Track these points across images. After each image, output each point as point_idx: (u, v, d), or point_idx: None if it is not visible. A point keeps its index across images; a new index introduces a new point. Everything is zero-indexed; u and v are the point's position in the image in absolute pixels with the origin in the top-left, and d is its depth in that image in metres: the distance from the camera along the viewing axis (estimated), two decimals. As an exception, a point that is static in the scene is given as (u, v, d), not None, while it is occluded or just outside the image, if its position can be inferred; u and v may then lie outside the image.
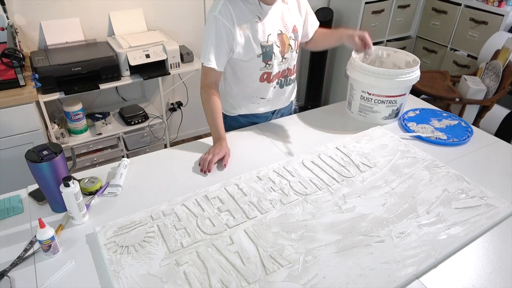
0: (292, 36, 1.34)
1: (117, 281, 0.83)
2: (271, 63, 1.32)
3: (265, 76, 1.35)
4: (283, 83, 1.42)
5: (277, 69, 1.35)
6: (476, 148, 1.36)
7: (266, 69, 1.33)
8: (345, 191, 1.12)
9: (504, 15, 2.51)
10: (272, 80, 1.37)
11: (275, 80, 1.39)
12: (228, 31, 1.21)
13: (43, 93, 1.94)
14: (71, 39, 2.19)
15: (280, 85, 1.42)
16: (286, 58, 1.35)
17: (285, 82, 1.43)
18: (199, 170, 1.21)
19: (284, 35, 1.31)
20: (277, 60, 1.33)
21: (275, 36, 1.29)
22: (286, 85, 1.44)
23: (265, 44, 1.27)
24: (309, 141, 1.38)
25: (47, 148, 0.96)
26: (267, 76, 1.35)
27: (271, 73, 1.35)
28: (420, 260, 0.90)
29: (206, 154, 1.24)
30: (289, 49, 1.34)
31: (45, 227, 0.87)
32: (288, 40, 1.32)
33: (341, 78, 3.17)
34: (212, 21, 1.21)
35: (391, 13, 2.94)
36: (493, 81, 2.27)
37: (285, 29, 1.31)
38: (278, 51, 1.31)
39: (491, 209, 1.06)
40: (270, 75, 1.35)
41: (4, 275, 0.85)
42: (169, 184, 1.15)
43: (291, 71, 1.42)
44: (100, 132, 2.24)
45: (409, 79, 1.40)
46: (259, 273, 0.86)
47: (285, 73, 1.40)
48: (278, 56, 1.32)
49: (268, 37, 1.27)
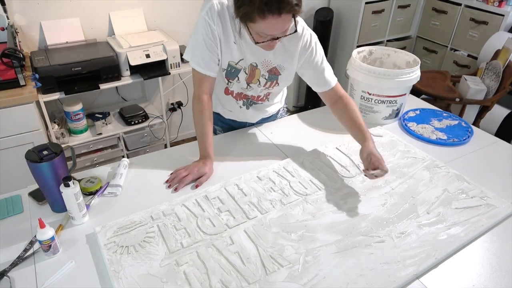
0: (266, 76, 1.22)
1: (117, 281, 0.83)
2: (232, 82, 1.23)
3: (229, 91, 1.27)
4: (248, 105, 1.33)
5: (237, 91, 1.26)
6: (476, 148, 1.36)
7: (227, 85, 1.25)
8: (345, 191, 1.12)
9: (504, 15, 2.51)
10: (236, 98, 1.29)
11: (239, 100, 1.30)
12: (214, 33, 1.11)
13: (43, 93, 1.94)
14: (71, 39, 2.19)
15: (246, 106, 1.33)
16: (251, 87, 1.25)
17: (250, 104, 1.33)
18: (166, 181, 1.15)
19: (257, 70, 1.20)
20: (239, 84, 1.23)
21: (247, 64, 1.18)
22: (252, 108, 1.34)
23: (233, 64, 1.18)
24: (309, 141, 1.38)
25: (47, 148, 0.96)
26: (231, 92, 1.28)
27: (233, 91, 1.27)
28: (420, 260, 0.90)
29: (183, 169, 1.16)
30: (256, 83, 1.23)
31: (45, 227, 0.87)
32: (258, 76, 1.21)
33: (341, 78, 3.14)
34: (200, 21, 1.11)
35: (391, 13, 2.94)
36: (493, 81, 2.27)
37: (262, 65, 1.19)
38: (244, 77, 1.21)
39: (491, 209, 1.06)
40: (233, 93, 1.28)
41: (4, 275, 0.85)
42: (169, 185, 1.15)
43: (256, 98, 1.31)
44: (100, 132, 2.24)
45: (409, 79, 1.40)
46: (259, 273, 0.86)
47: (248, 97, 1.30)
48: (242, 81, 1.22)
49: (239, 61, 1.17)
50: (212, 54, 1.13)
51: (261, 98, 1.31)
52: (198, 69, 1.15)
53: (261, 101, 1.33)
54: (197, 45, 1.13)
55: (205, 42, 1.12)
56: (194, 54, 1.15)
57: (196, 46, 1.14)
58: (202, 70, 1.15)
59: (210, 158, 1.19)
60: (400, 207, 1.06)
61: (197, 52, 1.14)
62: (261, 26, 0.97)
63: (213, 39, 1.11)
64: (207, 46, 1.12)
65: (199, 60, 1.14)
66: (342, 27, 2.99)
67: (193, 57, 1.16)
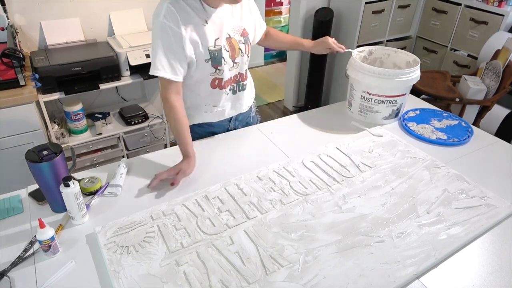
0: (242, 40, 1.26)
1: (117, 281, 0.83)
2: (221, 68, 1.23)
3: (217, 82, 1.26)
4: (235, 89, 1.34)
5: (228, 75, 1.27)
6: (476, 148, 1.36)
7: (216, 74, 1.24)
8: (345, 191, 1.12)
9: (504, 15, 2.51)
10: (224, 86, 1.29)
11: (228, 86, 1.31)
12: (178, 35, 1.10)
13: (43, 93, 1.94)
14: (71, 39, 2.19)
15: (232, 91, 1.34)
16: (237, 62, 1.27)
17: (238, 87, 1.35)
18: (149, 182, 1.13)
19: (233, 39, 1.23)
20: (227, 65, 1.24)
21: (223, 40, 1.20)
22: (239, 90, 1.36)
23: (213, 48, 1.18)
24: (309, 141, 1.38)
25: (47, 148, 0.96)
26: (219, 82, 1.27)
27: (222, 79, 1.26)
28: (420, 260, 0.90)
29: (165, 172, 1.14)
30: (239, 53, 1.26)
31: (45, 227, 0.87)
32: (237, 44, 1.24)
33: (341, 78, 3.17)
34: (158, 27, 1.10)
35: (391, 13, 2.94)
36: (493, 81, 2.27)
37: (234, 33, 1.23)
38: (228, 55, 1.22)
39: (491, 209, 1.06)
40: (222, 81, 1.27)
41: (4, 275, 0.85)
42: (169, 184, 1.15)
43: (243, 76, 1.34)
44: (100, 132, 2.24)
45: (409, 79, 1.40)
46: (259, 273, 0.86)
47: (237, 78, 1.32)
48: (228, 61, 1.23)
49: (215, 42, 1.18)
50: (176, 57, 1.12)
51: (245, 76, 1.36)
52: (162, 74, 1.13)
53: (244, 80, 1.36)
54: (157, 50, 1.12)
55: (168, 47, 1.11)
56: (157, 60, 1.12)
57: (158, 52, 1.12)
58: (166, 75, 1.13)
59: (189, 156, 1.18)
60: (400, 207, 1.06)
61: (160, 57, 1.12)
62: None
63: (176, 41, 1.11)
64: (170, 50, 1.11)
65: (163, 64, 1.12)
66: (342, 27, 2.99)
67: (155, 64, 1.13)
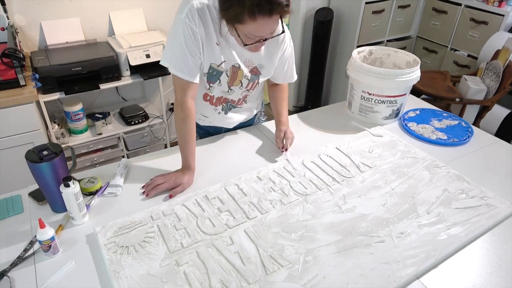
0: (248, 76, 1.19)
1: (117, 282, 0.83)
2: (213, 86, 1.19)
3: (208, 97, 1.23)
4: (227, 109, 1.30)
5: (218, 95, 1.23)
6: (476, 148, 1.36)
7: (207, 90, 1.21)
8: (345, 191, 1.12)
9: (504, 15, 2.51)
10: (215, 104, 1.26)
11: (219, 105, 1.27)
12: (196, 37, 1.06)
13: (43, 93, 1.94)
14: (71, 39, 2.19)
15: (225, 111, 1.30)
16: (232, 90, 1.22)
17: (229, 108, 1.30)
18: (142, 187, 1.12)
19: (240, 70, 1.17)
20: (221, 87, 1.20)
21: (229, 66, 1.15)
22: (232, 111, 1.31)
23: (215, 67, 1.14)
24: (309, 141, 1.38)
25: (47, 148, 0.96)
26: (210, 98, 1.24)
27: (213, 96, 1.23)
28: (420, 260, 0.90)
29: (160, 177, 1.12)
30: (238, 85, 1.21)
31: (45, 227, 0.87)
32: (241, 77, 1.18)
33: (341, 78, 3.17)
34: (178, 25, 1.05)
35: (391, 13, 2.94)
36: (493, 81, 2.27)
37: (244, 65, 1.17)
38: (225, 80, 1.18)
39: (492, 209, 1.06)
40: (213, 98, 1.24)
41: (4, 275, 0.85)
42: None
43: (236, 102, 1.29)
44: (100, 132, 2.24)
45: (409, 79, 1.40)
46: (259, 273, 0.86)
47: (227, 101, 1.27)
48: (224, 84, 1.19)
49: (221, 63, 1.13)
50: (195, 59, 1.09)
51: (241, 101, 1.29)
52: (181, 75, 1.09)
53: (240, 104, 1.30)
54: (177, 50, 1.07)
55: (187, 47, 1.06)
56: (175, 59, 1.08)
57: (177, 51, 1.07)
58: (185, 76, 1.09)
59: (190, 169, 1.15)
60: (400, 207, 1.06)
61: (178, 57, 1.08)
62: (251, 27, 0.96)
63: (195, 42, 1.06)
64: (189, 51, 1.07)
65: (181, 66, 1.08)
66: (342, 27, 2.99)
67: (174, 63, 1.09)
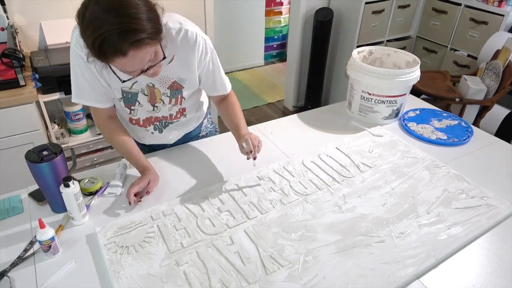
0: (168, 93, 1.10)
1: (117, 282, 0.83)
2: (134, 109, 1.11)
3: (134, 121, 1.16)
4: (161, 127, 1.20)
5: (144, 116, 1.15)
6: (476, 148, 1.36)
7: (130, 114, 1.13)
8: (345, 191, 1.12)
9: (504, 15, 2.51)
10: (144, 125, 1.17)
11: (149, 125, 1.18)
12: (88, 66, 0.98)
13: (43, 93, 1.93)
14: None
15: (159, 130, 1.21)
16: (157, 107, 1.13)
17: (164, 126, 1.20)
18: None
19: (156, 89, 1.08)
20: (144, 108, 1.12)
21: (144, 85, 1.06)
22: (167, 129, 1.22)
23: (127, 90, 1.06)
24: (309, 141, 1.38)
25: (47, 149, 0.96)
26: (136, 121, 1.16)
27: (139, 119, 1.15)
28: (420, 260, 0.90)
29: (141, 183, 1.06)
30: (160, 102, 1.12)
31: (45, 227, 0.87)
32: (159, 95, 1.10)
33: (341, 78, 3.17)
34: (71, 53, 0.99)
35: (391, 13, 2.94)
36: (493, 81, 2.27)
37: (160, 83, 1.07)
38: (145, 100, 1.09)
39: (492, 209, 1.06)
40: (139, 121, 1.16)
41: (4, 275, 0.85)
42: (169, 184, 1.15)
43: (170, 118, 1.19)
44: (100, 132, 2.24)
45: (409, 79, 1.40)
46: (259, 273, 0.86)
47: (159, 119, 1.18)
48: (145, 104, 1.11)
49: (133, 85, 1.05)
50: (95, 85, 1.02)
51: (175, 116, 1.19)
52: (87, 103, 1.05)
53: (177, 119, 1.21)
54: (76, 80, 1.02)
55: (83, 76, 1.01)
56: (78, 89, 1.03)
57: (75, 81, 1.03)
58: (91, 103, 1.05)
59: (148, 169, 1.10)
60: (400, 207, 1.06)
61: (79, 86, 1.03)
62: (116, 65, 0.86)
63: (89, 71, 1.00)
64: (86, 79, 1.01)
65: (84, 94, 1.03)
66: (342, 27, 2.99)
67: (78, 94, 1.04)
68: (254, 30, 4.12)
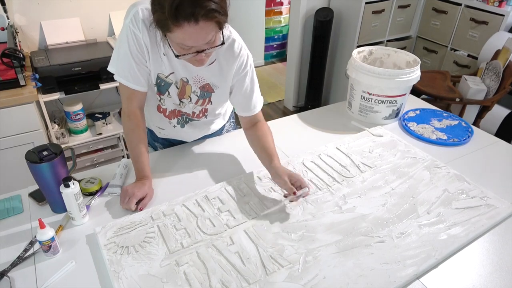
0: (197, 92, 1.11)
1: (117, 282, 0.83)
2: (163, 98, 1.12)
3: (161, 109, 1.17)
4: (183, 122, 1.22)
5: (171, 108, 1.16)
6: (477, 148, 1.36)
7: (159, 102, 1.14)
8: (345, 191, 1.12)
9: (505, 15, 2.51)
10: (169, 117, 1.18)
11: (173, 118, 1.19)
12: (141, 43, 0.99)
13: (43, 93, 1.94)
14: (71, 39, 2.20)
15: (181, 125, 1.22)
16: (183, 102, 1.14)
17: (186, 121, 1.21)
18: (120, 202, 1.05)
19: (188, 85, 1.09)
20: (171, 100, 1.13)
21: (178, 78, 1.07)
22: (189, 126, 1.23)
23: (163, 77, 1.06)
24: (309, 141, 1.38)
25: (47, 149, 0.96)
26: (163, 111, 1.17)
27: (166, 109, 1.16)
28: (420, 260, 0.90)
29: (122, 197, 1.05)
30: (187, 99, 1.13)
31: (45, 227, 0.87)
32: (189, 92, 1.11)
33: (341, 78, 3.17)
34: (123, 30, 0.99)
35: (391, 13, 2.94)
36: (494, 81, 2.27)
37: (193, 81, 1.09)
38: (175, 92, 1.10)
39: (492, 209, 1.06)
40: (166, 111, 1.17)
41: (4, 275, 0.85)
42: (169, 184, 1.15)
43: (193, 115, 1.19)
44: (100, 132, 2.24)
45: (409, 79, 1.40)
46: (259, 274, 0.86)
47: (182, 114, 1.19)
48: (174, 96, 1.11)
49: (170, 75, 1.06)
50: (140, 66, 1.02)
51: (197, 115, 1.20)
52: (125, 83, 1.03)
53: (198, 118, 1.21)
54: (122, 56, 1.01)
55: (131, 53, 1.00)
56: (120, 66, 1.03)
57: (122, 58, 1.02)
58: (130, 84, 1.03)
59: (147, 178, 1.09)
60: (400, 207, 1.06)
61: (123, 64, 1.02)
62: (179, 35, 0.86)
63: (140, 49, 1.00)
64: (133, 58, 1.00)
65: (126, 73, 1.02)
66: (342, 27, 2.99)
67: (119, 70, 1.03)
68: (254, 30, 4.12)
